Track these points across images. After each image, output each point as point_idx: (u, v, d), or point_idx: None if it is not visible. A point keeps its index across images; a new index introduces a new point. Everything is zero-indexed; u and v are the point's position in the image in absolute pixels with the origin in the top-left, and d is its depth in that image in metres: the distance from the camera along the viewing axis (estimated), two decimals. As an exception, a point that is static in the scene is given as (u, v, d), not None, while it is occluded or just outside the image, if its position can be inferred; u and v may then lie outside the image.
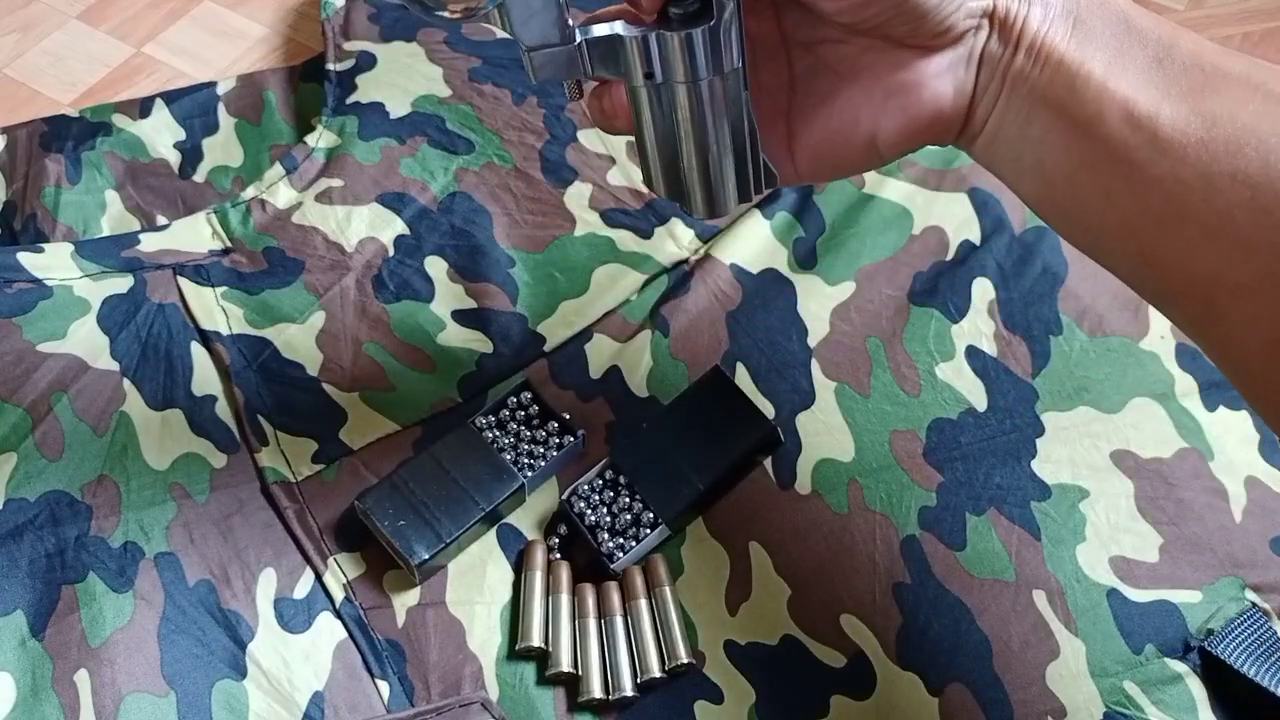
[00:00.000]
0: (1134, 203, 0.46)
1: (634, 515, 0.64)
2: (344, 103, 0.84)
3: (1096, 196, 0.47)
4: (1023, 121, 0.48)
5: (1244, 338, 0.44)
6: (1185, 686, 0.60)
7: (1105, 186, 0.46)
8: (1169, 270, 0.46)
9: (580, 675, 0.61)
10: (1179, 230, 0.45)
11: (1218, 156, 0.43)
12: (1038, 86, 0.47)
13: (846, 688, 0.60)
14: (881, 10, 0.46)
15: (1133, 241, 0.47)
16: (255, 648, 0.61)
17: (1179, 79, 0.45)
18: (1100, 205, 0.47)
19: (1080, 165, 0.47)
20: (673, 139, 0.49)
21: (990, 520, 0.65)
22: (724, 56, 0.46)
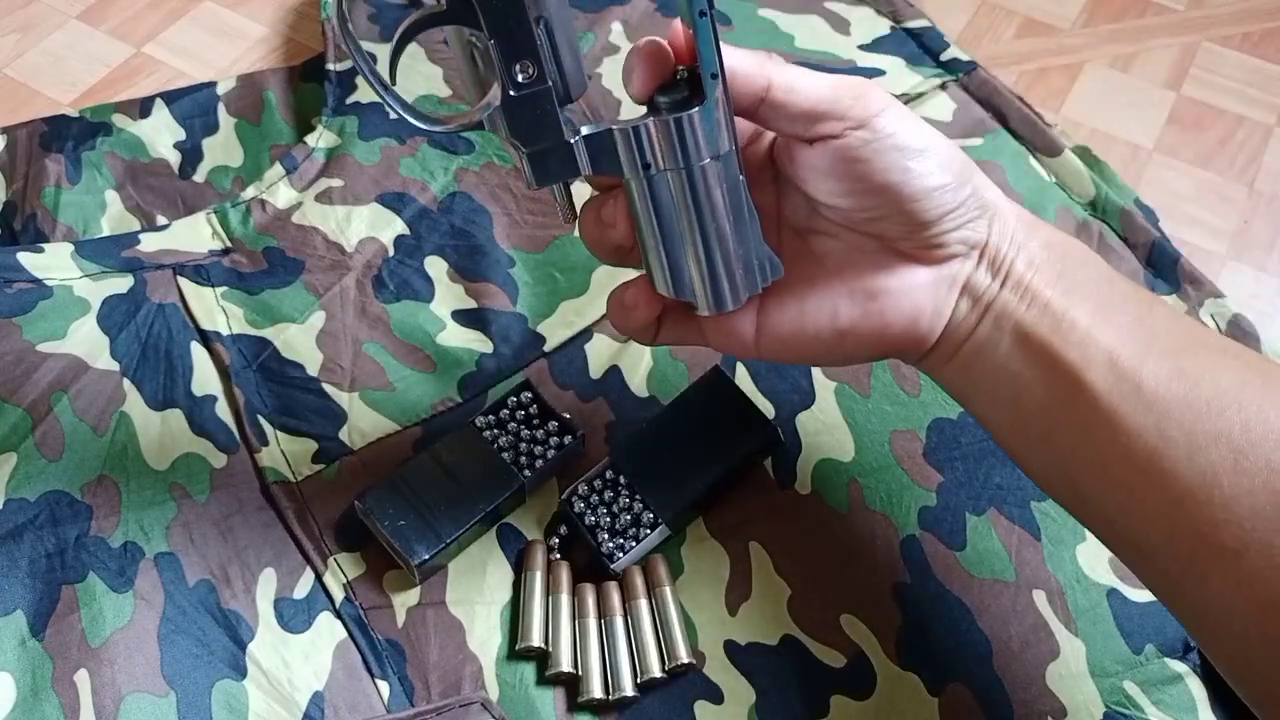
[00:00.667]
0: (1116, 452, 0.46)
1: (634, 515, 0.64)
2: (344, 103, 0.84)
3: (1077, 441, 0.47)
4: (1003, 354, 0.49)
5: (1228, 600, 0.44)
6: (1185, 686, 0.60)
7: (1087, 432, 0.47)
8: (1150, 526, 0.46)
9: (580, 675, 0.61)
10: (1161, 486, 0.45)
11: (1201, 416, 0.44)
12: (1023, 324, 0.48)
13: (846, 688, 0.60)
14: (882, 205, 0.47)
15: (1112, 492, 0.47)
16: (255, 648, 0.61)
17: (1161, 336, 0.46)
18: (1080, 451, 0.47)
19: (1061, 407, 0.47)
20: (673, 232, 0.49)
21: (990, 520, 0.65)
22: (717, 139, 0.46)
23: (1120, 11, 1.00)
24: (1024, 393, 0.49)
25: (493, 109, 0.46)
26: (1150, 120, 0.91)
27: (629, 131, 0.47)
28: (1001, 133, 0.80)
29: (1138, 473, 0.46)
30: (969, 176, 0.48)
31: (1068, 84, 0.94)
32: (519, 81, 0.46)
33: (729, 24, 0.88)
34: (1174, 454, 0.44)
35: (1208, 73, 0.95)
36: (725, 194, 0.48)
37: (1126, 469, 0.46)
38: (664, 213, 0.49)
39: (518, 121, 0.47)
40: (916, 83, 0.83)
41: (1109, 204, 0.76)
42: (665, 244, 0.50)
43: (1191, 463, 0.44)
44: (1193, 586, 0.45)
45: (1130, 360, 0.46)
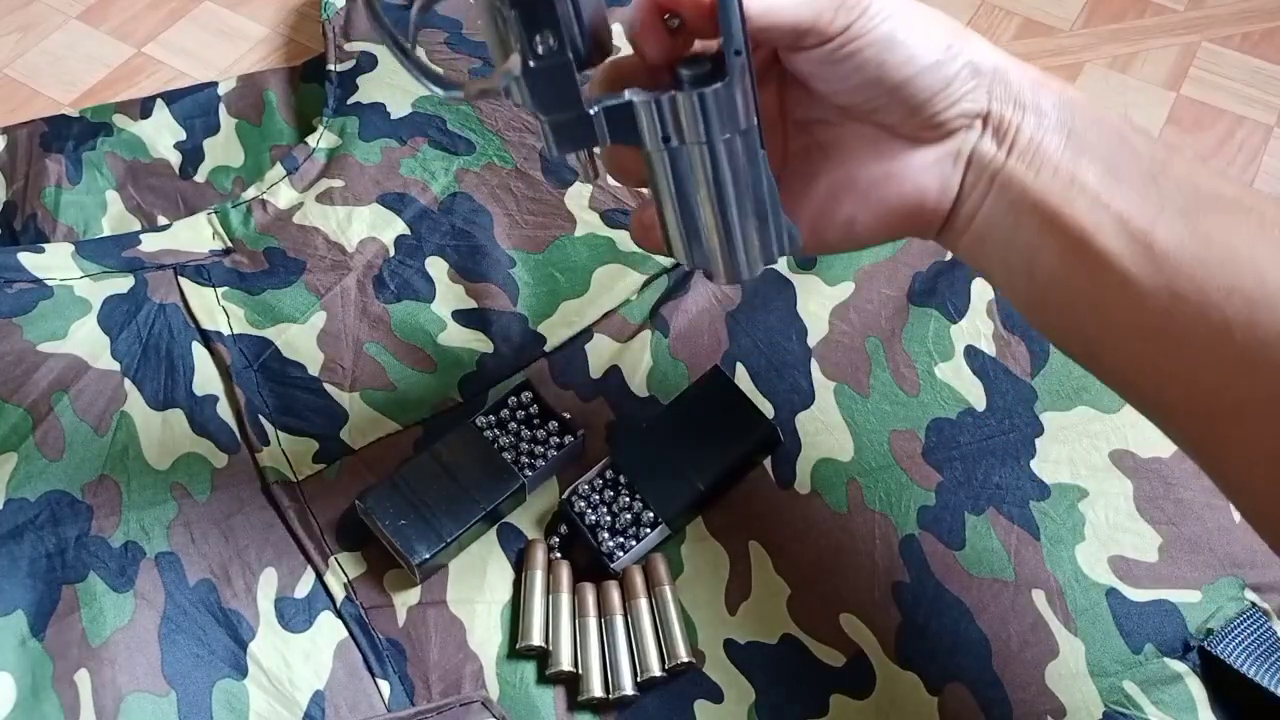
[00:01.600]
0: (1129, 315, 0.45)
1: (634, 515, 0.64)
2: (345, 103, 0.84)
3: (1090, 306, 0.47)
4: (1012, 225, 0.48)
5: (1246, 456, 0.44)
6: (1185, 686, 0.59)
7: (1099, 296, 0.46)
8: (1166, 386, 0.46)
9: (580, 674, 0.61)
10: (1176, 345, 0.44)
11: (1214, 273, 0.43)
12: (1030, 192, 0.47)
13: (846, 687, 0.60)
14: (875, 96, 0.46)
15: (1128, 354, 0.47)
16: (256, 647, 0.61)
17: (1174, 196, 0.45)
18: (1094, 315, 0.47)
19: (1073, 273, 0.47)
20: (692, 203, 0.49)
21: (989, 520, 0.65)
22: (738, 115, 0.46)
23: (1120, 12, 1.00)
24: (1037, 262, 0.48)
25: (512, 78, 0.45)
26: (1150, 120, 0.92)
27: (651, 104, 0.46)
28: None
29: (1152, 334, 0.45)
30: (960, 49, 0.47)
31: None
32: (539, 53, 0.45)
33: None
34: (1187, 312, 0.44)
35: (1207, 73, 0.95)
36: (746, 168, 0.47)
37: (1141, 331, 0.45)
38: (683, 185, 0.48)
39: (537, 91, 0.46)
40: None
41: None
42: (683, 215, 0.49)
43: (1205, 320, 0.43)
44: (1214, 443, 0.45)
45: (1141, 222, 0.45)
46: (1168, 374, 0.45)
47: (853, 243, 0.52)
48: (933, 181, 0.49)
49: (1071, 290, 0.47)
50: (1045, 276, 0.48)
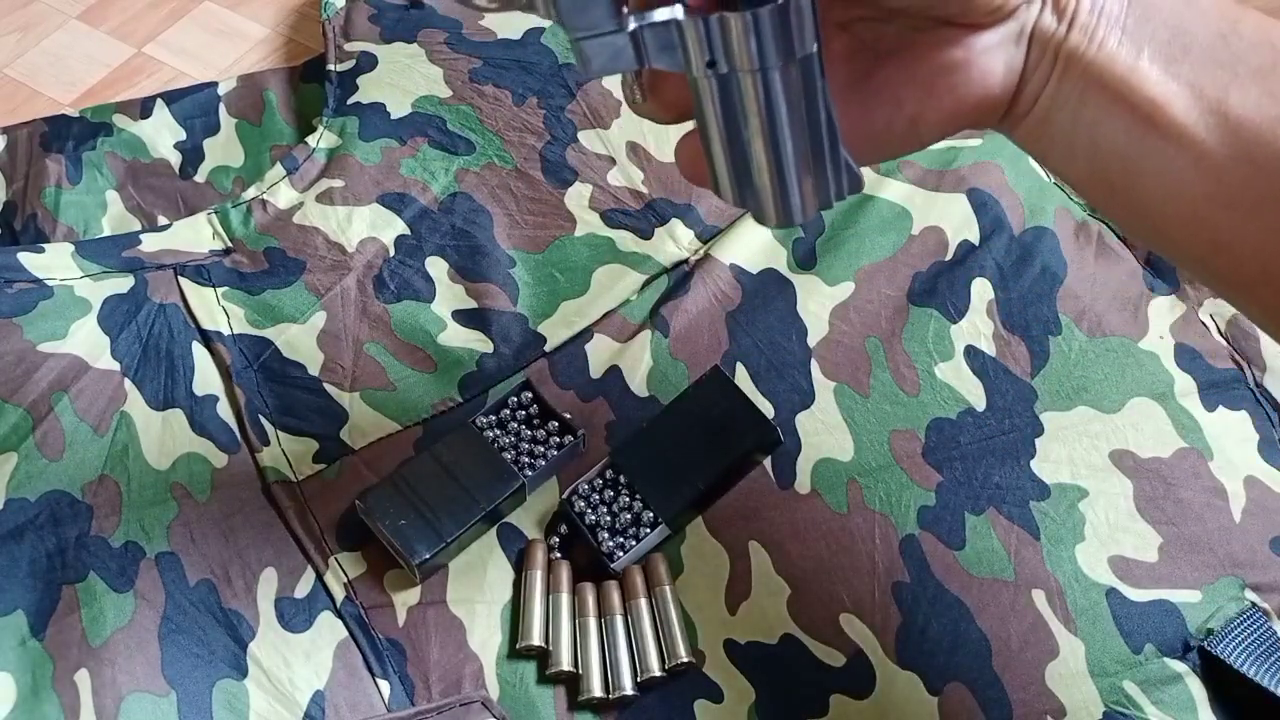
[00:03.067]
0: (1204, 188, 0.43)
1: (634, 515, 0.65)
2: (345, 103, 0.84)
3: (1161, 183, 0.44)
4: (1076, 103, 0.45)
5: None
6: (1185, 686, 0.60)
7: (1171, 172, 0.44)
8: (1244, 259, 0.44)
9: (580, 674, 0.61)
10: (1255, 215, 0.43)
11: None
12: (1094, 65, 0.44)
13: (846, 687, 0.61)
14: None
15: (1203, 229, 0.44)
16: (256, 647, 0.61)
17: (1247, 56, 0.43)
18: (1165, 192, 0.44)
19: (1143, 150, 0.44)
20: (741, 138, 0.44)
21: (989, 520, 0.65)
22: (795, 40, 0.40)
23: (1120, 12, 1.00)
24: (1102, 139, 0.45)
25: None
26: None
27: (699, 24, 0.40)
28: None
29: (1226, 206, 0.43)
30: None
31: (1067, 84, 0.94)
32: None
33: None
34: (1268, 182, 0.42)
35: (1207, 73, 0.94)
36: (803, 100, 0.43)
37: (1214, 204, 0.43)
38: (733, 118, 0.43)
39: (565, 2, 0.40)
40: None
41: (1108, 204, 0.76)
42: (731, 151, 0.44)
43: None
44: None
45: (1214, 90, 0.43)
46: (1248, 247, 0.43)
47: (915, 142, 0.48)
48: (997, 64, 0.45)
49: (1141, 166, 0.45)
50: (1111, 155, 0.45)
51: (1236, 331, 0.71)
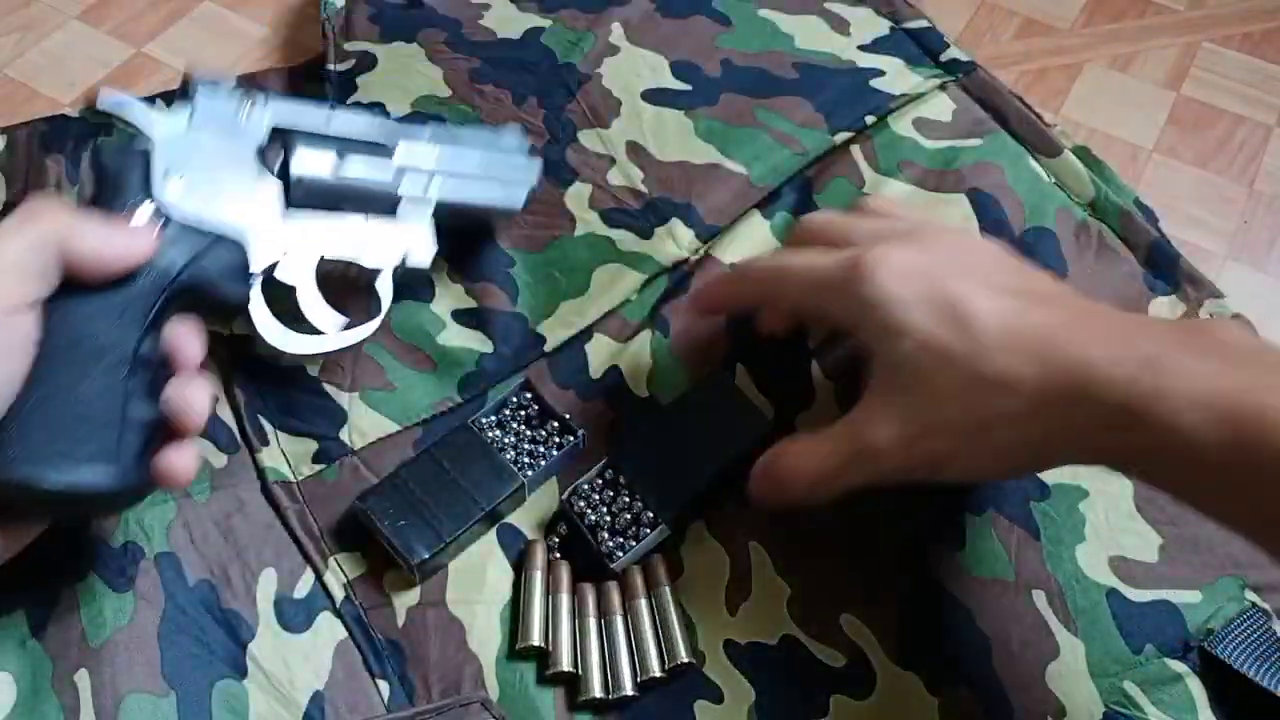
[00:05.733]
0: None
1: (634, 515, 0.64)
2: (345, 103, 0.84)
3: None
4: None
5: None
6: (1185, 686, 0.59)
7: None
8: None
9: (580, 675, 0.61)
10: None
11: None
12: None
13: (846, 687, 0.60)
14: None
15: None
16: (255, 647, 0.61)
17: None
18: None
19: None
20: None
21: (989, 520, 0.64)
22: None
23: (1120, 11, 1.00)
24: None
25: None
26: (1150, 120, 0.92)
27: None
28: (1001, 134, 0.80)
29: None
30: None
31: (1068, 84, 0.94)
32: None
33: (729, 24, 0.89)
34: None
35: (1208, 73, 0.95)
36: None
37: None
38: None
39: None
40: (916, 83, 0.83)
41: (1108, 204, 0.76)
42: None
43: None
44: None
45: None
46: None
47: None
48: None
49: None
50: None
51: (1237, 332, 0.71)
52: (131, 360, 0.53)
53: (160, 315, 0.56)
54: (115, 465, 0.52)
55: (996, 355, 0.50)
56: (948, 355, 0.51)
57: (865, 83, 0.83)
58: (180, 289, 0.57)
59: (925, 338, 0.51)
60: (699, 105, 0.82)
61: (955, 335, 0.51)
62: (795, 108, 0.81)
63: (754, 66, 0.85)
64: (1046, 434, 0.50)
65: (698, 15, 0.89)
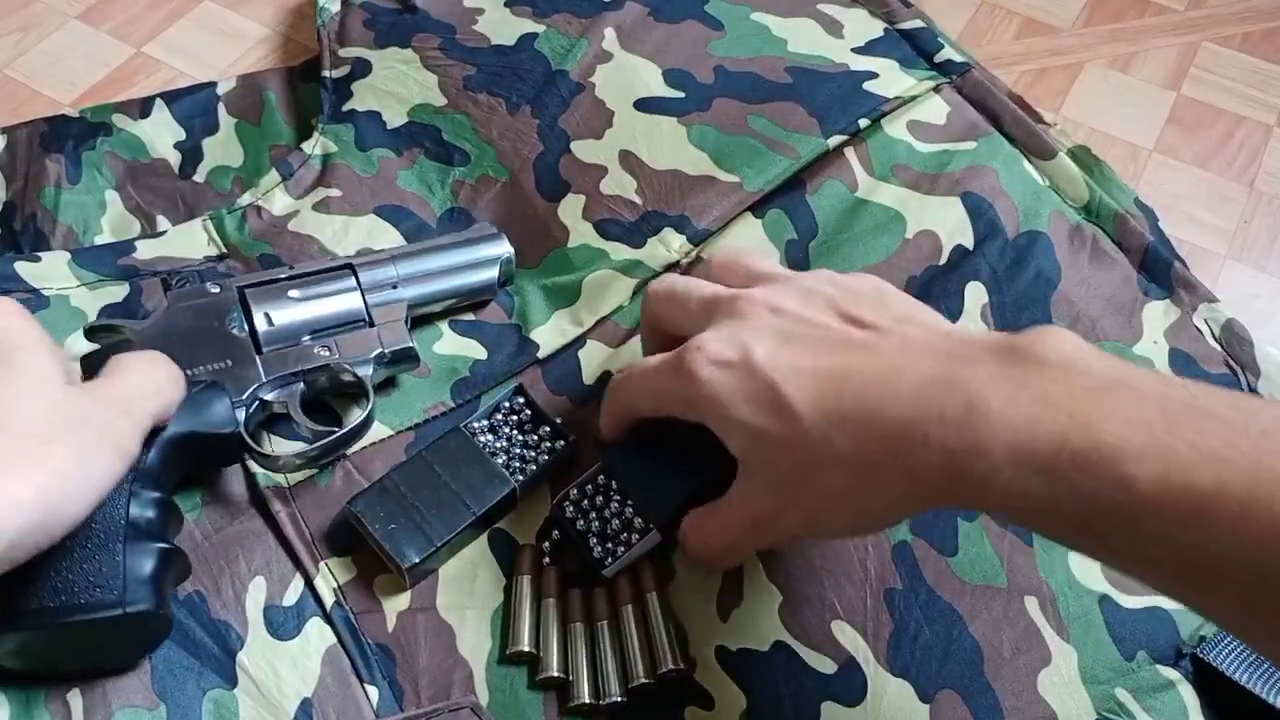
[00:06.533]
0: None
1: (624, 520, 0.64)
2: (340, 109, 0.84)
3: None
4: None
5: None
6: (1177, 694, 0.60)
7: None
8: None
9: (570, 680, 0.61)
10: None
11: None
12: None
13: (837, 694, 0.60)
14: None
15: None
16: (245, 656, 0.61)
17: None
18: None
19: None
20: None
21: (982, 526, 0.64)
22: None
23: (1120, 11, 1.00)
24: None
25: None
26: (1150, 120, 0.92)
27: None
28: (995, 136, 0.80)
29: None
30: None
31: (1067, 84, 0.94)
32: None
33: (721, 29, 0.88)
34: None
35: (1208, 73, 0.95)
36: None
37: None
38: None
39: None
40: (910, 85, 0.82)
41: (1103, 207, 0.76)
42: None
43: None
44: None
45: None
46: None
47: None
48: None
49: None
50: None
51: (1230, 336, 0.71)
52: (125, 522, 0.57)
53: (158, 468, 0.60)
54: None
55: (817, 436, 0.51)
56: (777, 444, 0.52)
57: (859, 86, 0.82)
58: (171, 440, 0.61)
59: (754, 431, 0.53)
60: (691, 112, 0.82)
61: (778, 424, 0.52)
62: (789, 112, 0.81)
63: (747, 72, 0.85)
64: (887, 497, 0.51)
65: (691, 20, 0.89)
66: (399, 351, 0.69)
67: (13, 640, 0.55)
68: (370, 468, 0.68)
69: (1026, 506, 0.46)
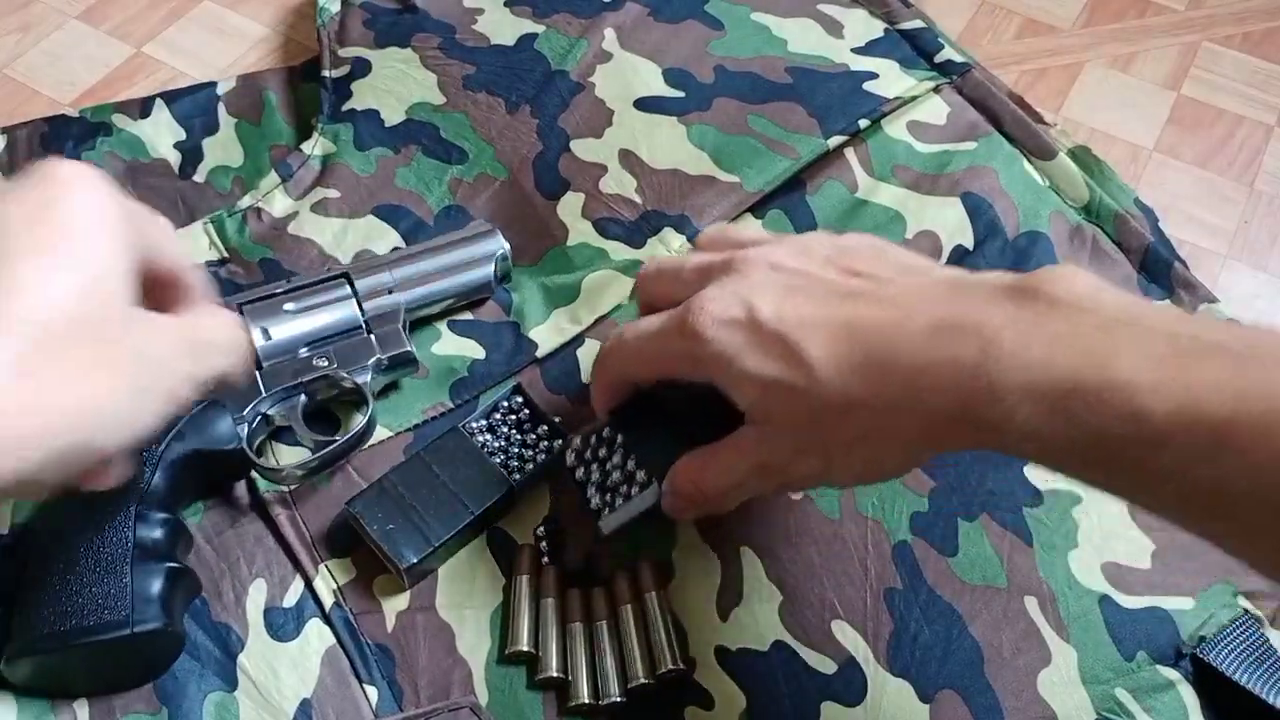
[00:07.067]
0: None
1: (626, 473, 0.62)
2: (339, 109, 0.84)
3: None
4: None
5: None
6: (1177, 694, 0.60)
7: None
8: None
9: (569, 680, 0.61)
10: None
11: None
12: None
13: (837, 694, 0.60)
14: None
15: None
16: (245, 658, 0.61)
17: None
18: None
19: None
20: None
21: (982, 526, 0.64)
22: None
23: (1120, 11, 1.00)
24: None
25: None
26: (1150, 120, 0.91)
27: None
28: (995, 136, 0.80)
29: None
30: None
31: (1068, 84, 0.94)
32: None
33: (722, 29, 0.88)
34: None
35: (1208, 73, 0.94)
36: None
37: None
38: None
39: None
40: (910, 86, 0.82)
41: (1103, 208, 0.76)
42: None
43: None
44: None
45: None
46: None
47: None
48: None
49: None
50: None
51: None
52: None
53: (164, 489, 0.61)
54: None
55: (832, 382, 0.50)
56: (791, 394, 0.51)
57: (859, 86, 0.83)
58: (176, 460, 0.62)
59: (766, 382, 0.52)
60: (692, 112, 0.82)
61: (790, 372, 0.51)
62: (788, 113, 0.81)
63: (747, 72, 0.85)
64: (903, 441, 0.51)
65: (691, 20, 0.89)
66: (397, 357, 0.69)
67: (26, 664, 0.56)
68: (369, 469, 0.68)
69: (1042, 445, 0.46)
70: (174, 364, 0.48)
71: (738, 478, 0.57)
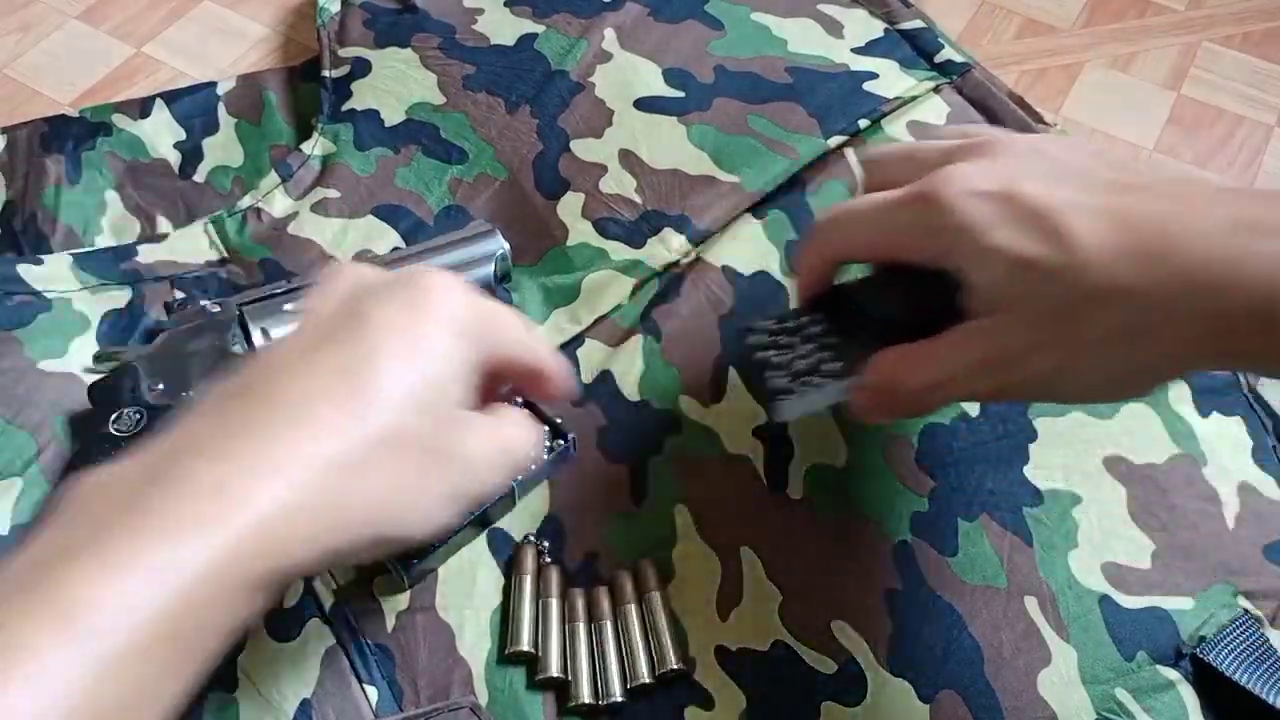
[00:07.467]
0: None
1: (813, 363, 0.55)
2: (339, 109, 0.84)
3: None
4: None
5: None
6: (1177, 694, 0.59)
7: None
8: None
9: (570, 680, 0.61)
10: None
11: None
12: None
13: (837, 694, 0.60)
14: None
15: None
16: (245, 659, 0.61)
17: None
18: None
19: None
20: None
21: (982, 526, 0.64)
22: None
23: (1120, 11, 1.00)
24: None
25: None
26: (1150, 120, 0.91)
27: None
28: (995, 136, 0.80)
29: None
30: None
31: (1068, 84, 0.94)
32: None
33: (722, 29, 0.88)
34: None
35: (1208, 73, 0.94)
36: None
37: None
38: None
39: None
40: (910, 86, 0.83)
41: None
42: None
43: None
44: None
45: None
46: None
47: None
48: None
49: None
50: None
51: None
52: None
53: None
54: None
55: (1100, 265, 0.45)
56: (1045, 274, 0.46)
57: (859, 86, 0.82)
58: None
59: (1015, 259, 0.46)
60: (691, 112, 0.82)
61: (1050, 249, 0.46)
62: (788, 113, 0.81)
63: (747, 72, 0.85)
64: (1163, 346, 0.46)
65: (691, 20, 0.89)
66: None
67: None
68: (370, 469, 0.68)
69: None
70: (485, 475, 0.50)
71: (951, 371, 0.50)
